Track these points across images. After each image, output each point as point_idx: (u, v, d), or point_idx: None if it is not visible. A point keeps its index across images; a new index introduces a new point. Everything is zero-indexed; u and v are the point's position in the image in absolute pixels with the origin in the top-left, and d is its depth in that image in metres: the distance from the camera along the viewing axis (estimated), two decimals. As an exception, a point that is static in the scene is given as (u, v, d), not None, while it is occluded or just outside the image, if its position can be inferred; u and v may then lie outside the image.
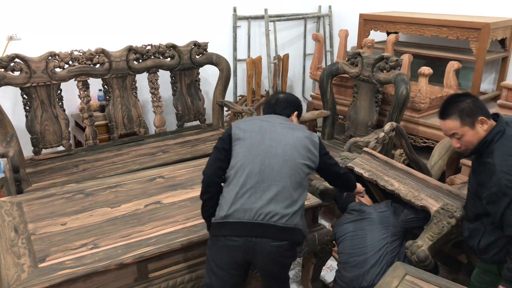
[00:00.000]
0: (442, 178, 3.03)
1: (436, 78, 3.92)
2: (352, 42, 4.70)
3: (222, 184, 1.97)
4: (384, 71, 3.58)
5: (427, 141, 3.52)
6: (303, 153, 1.95)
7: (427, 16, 4.07)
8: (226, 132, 2.01)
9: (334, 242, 2.58)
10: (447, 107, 1.94)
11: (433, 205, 2.25)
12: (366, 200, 2.63)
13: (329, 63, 5.32)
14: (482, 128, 1.89)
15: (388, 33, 4.27)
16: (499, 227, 1.85)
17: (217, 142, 2.02)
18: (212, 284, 1.94)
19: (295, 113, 2.17)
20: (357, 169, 2.65)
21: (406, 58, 3.70)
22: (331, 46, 5.40)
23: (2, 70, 3.23)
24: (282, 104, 2.14)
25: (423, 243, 2.15)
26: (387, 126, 2.93)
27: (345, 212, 2.60)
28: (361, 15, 4.40)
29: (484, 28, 3.52)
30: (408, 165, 2.82)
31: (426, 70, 3.46)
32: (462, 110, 1.90)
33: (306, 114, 3.99)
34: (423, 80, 3.49)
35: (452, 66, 3.56)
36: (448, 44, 4.22)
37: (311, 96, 4.56)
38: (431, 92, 3.61)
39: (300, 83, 5.54)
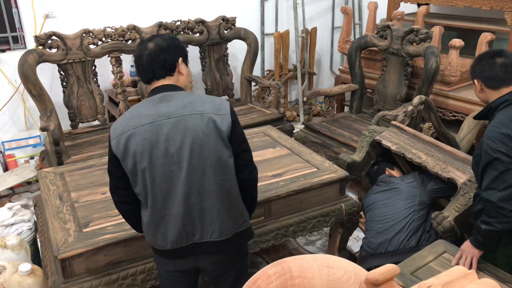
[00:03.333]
0: (471, 152, 3.02)
1: (468, 50, 3.85)
2: (381, 14, 4.63)
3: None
4: (414, 43, 3.54)
5: (456, 114, 3.49)
6: (215, 146, 1.58)
7: (460, -14, 3.97)
8: (109, 151, 1.61)
9: (362, 212, 2.65)
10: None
11: (460, 177, 2.27)
12: (396, 173, 2.68)
13: (357, 36, 5.27)
14: (476, 90, 1.95)
15: (419, 5, 4.19)
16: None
17: (108, 163, 1.65)
18: None
19: (180, 60, 1.65)
20: (384, 142, 2.68)
21: (436, 30, 3.63)
22: (360, 19, 5.33)
23: (41, 47, 3.37)
24: (159, 60, 1.60)
25: (449, 214, 2.19)
26: (416, 100, 2.93)
27: (374, 184, 2.66)
28: (391, -13, 4.32)
29: (520, -3, 3.42)
30: (436, 138, 2.83)
31: (457, 42, 3.40)
32: (470, 66, 1.98)
33: (334, 88, 4.00)
34: (454, 53, 3.43)
35: (485, 37, 3.48)
36: (482, 15, 4.11)
37: (339, 69, 4.55)
38: (461, 65, 3.55)
39: (328, 56, 5.52)
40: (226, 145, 1.60)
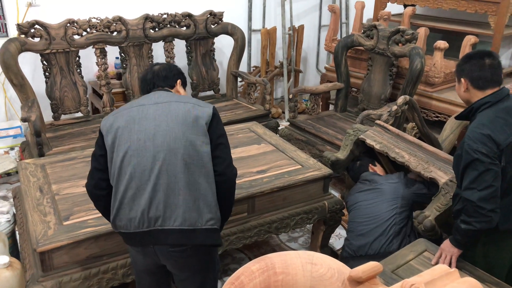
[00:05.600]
0: (453, 152, 3.06)
1: (452, 52, 3.90)
2: (368, 14, 4.66)
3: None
4: (400, 44, 3.57)
5: (439, 115, 3.54)
6: (191, 130, 1.64)
7: (446, -12, 4.01)
8: (99, 132, 1.75)
9: (345, 210, 2.66)
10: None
11: (442, 177, 2.30)
12: (379, 169, 2.69)
13: (344, 35, 5.29)
14: (461, 89, 1.94)
15: (405, 6, 4.23)
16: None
17: (95, 145, 1.77)
18: None
19: (179, 81, 1.91)
20: (368, 141, 2.71)
21: (422, 32, 3.67)
22: (347, 18, 5.35)
23: (23, 36, 3.29)
24: (161, 75, 1.86)
25: (430, 214, 2.22)
26: (400, 100, 2.96)
27: (358, 181, 2.67)
28: (378, -13, 4.35)
29: (504, 1, 3.48)
30: (419, 138, 2.86)
31: (441, 44, 3.45)
32: (458, 64, 1.98)
33: (319, 86, 4.02)
34: (438, 54, 3.48)
35: (469, 40, 3.54)
36: (466, 18, 4.17)
37: (325, 68, 4.57)
38: (445, 67, 3.60)
39: (315, 54, 5.53)
40: (203, 132, 1.66)
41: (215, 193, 1.69)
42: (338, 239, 3.04)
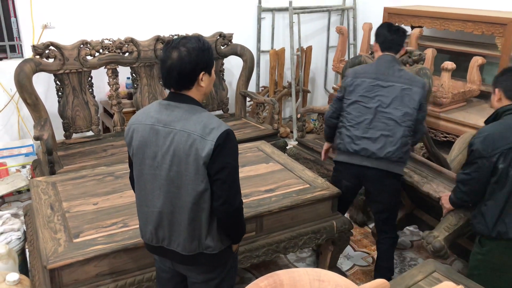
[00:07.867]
0: (461, 173, 3.05)
1: (460, 73, 3.92)
2: (375, 35, 4.71)
3: None
4: (407, 65, 3.59)
5: (447, 135, 3.54)
6: (191, 168, 1.60)
7: (452, 10, 4.06)
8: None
9: (354, 230, 2.63)
10: None
11: (451, 197, 2.29)
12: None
13: (352, 56, 5.34)
14: (494, 99, 2.14)
15: (412, 27, 4.28)
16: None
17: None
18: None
19: (201, 74, 1.61)
20: (376, 160, 2.71)
21: (429, 53, 3.70)
22: (355, 39, 5.42)
23: (38, 57, 3.38)
24: (176, 74, 1.58)
25: (439, 234, 2.21)
26: (408, 120, 2.97)
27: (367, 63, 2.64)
28: (385, 9, 4.41)
29: (510, 23, 3.50)
30: (427, 158, 2.86)
31: (449, 64, 3.47)
32: (495, 76, 2.20)
33: (327, 106, 4.04)
34: (446, 75, 3.50)
35: (476, 61, 3.56)
36: (473, 39, 4.20)
37: (333, 88, 4.61)
38: (453, 87, 3.62)
39: (323, 75, 5.58)
40: (202, 172, 1.60)
41: (214, 225, 1.70)
42: (346, 259, 3.02)
